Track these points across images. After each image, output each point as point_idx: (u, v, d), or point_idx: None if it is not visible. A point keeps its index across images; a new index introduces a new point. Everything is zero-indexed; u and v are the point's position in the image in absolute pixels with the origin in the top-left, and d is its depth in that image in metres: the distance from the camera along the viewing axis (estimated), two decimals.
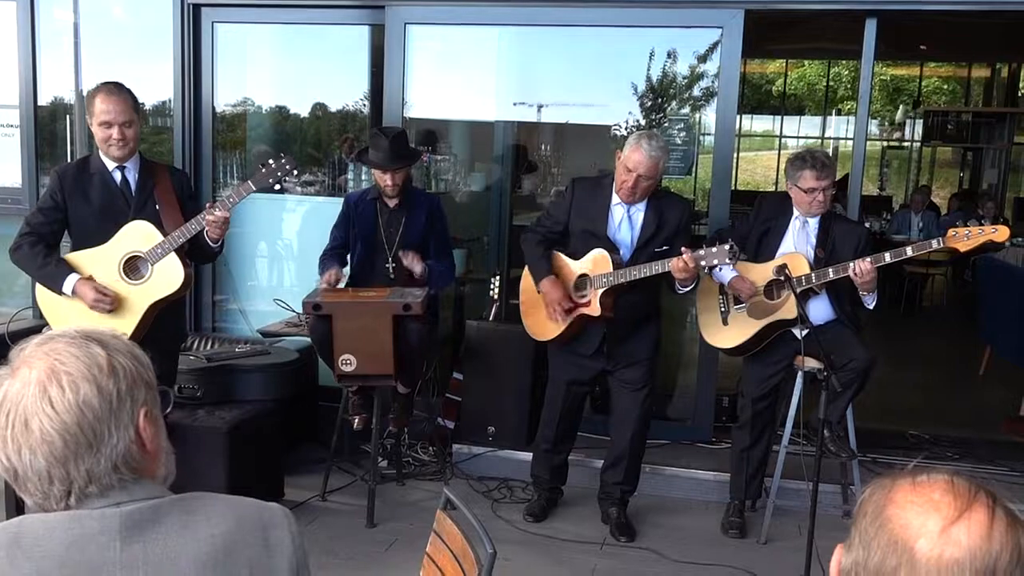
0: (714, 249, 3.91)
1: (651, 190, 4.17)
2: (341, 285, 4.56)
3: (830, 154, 4.43)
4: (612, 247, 4.19)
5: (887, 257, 3.97)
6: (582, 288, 4.24)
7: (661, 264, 4.02)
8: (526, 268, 4.47)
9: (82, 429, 1.29)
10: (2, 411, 1.30)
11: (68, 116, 6.00)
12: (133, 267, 3.81)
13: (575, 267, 4.27)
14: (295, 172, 4.10)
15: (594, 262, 4.20)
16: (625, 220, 4.23)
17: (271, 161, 3.95)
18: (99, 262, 3.81)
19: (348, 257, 4.69)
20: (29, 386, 1.29)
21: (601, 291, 4.14)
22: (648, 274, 4.06)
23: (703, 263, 3.96)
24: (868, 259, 3.95)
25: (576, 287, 4.26)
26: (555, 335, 4.33)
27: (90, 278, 3.80)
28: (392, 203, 4.60)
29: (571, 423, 4.53)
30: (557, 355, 4.46)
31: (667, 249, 4.13)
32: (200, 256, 4.06)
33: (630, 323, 4.27)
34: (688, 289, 4.19)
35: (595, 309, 4.16)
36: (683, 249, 3.96)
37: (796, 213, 4.25)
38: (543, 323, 4.38)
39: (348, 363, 4.28)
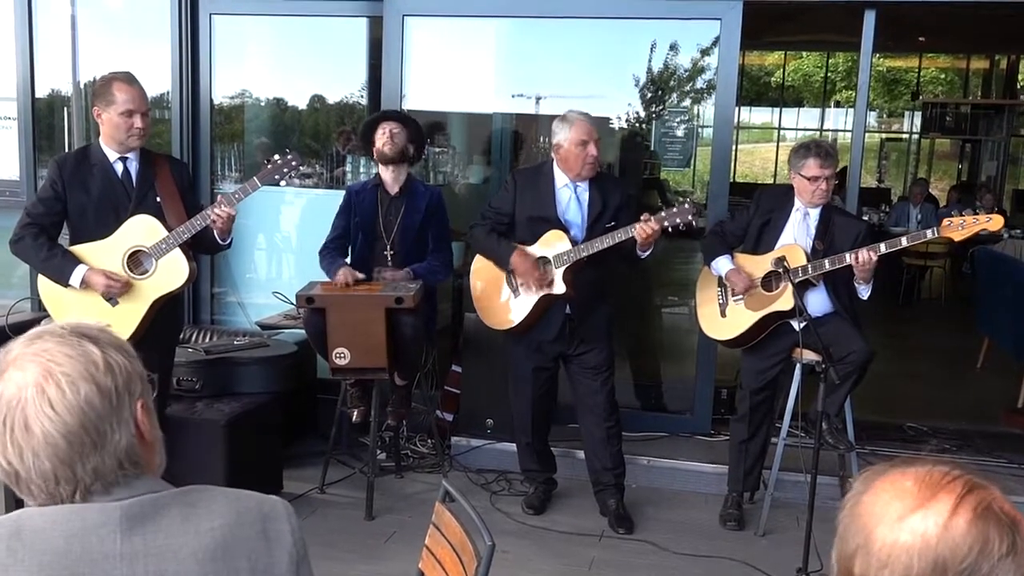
0: (675, 208, 4.09)
1: None
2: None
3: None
4: (564, 228, 4.25)
5: (883, 247, 3.99)
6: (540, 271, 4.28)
7: (625, 231, 4.10)
8: (475, 262, 4.51)
9: (86, 429, 1.28)
10: None
11: (65, 108, 5.99)
12: (136, 261, 3.80)
13: (530, 252, 4.30)
14: (300, 168, 4.10)
15: (550, 243, 4.26)
16: (573, 201, 4.30)
17: (276, 157, 3.95)
18: (102, 255, 3.79)
19: (349, 248, 4.69)
20: (26, 388, 1.28)
21: (563, 269, 4.20)
22: (612, 243, 4.13)
23: (667, 223, 4.05)
24: (866, 248, 3.97)
25: None
26: (517, 322, 4.34)
27: None
28: (393, 191, 4.60)
29: (545, 410, 4.55)
30: (518, 345, 4.46)
31: (614, 224, 4.20)
32: (206, 249, 4.06)
33: (590, 301, 4.33)
34: (647, 253, 4.22)
35: (560, 287, 4.21)
36: (644, 214, 4.07)
37: (797, 205, 4.26)
38: (500, 312, 4.41)
39: (342, 356, 4.28)
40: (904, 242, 4.10)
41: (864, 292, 4.15)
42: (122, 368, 1.33)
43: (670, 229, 4.09)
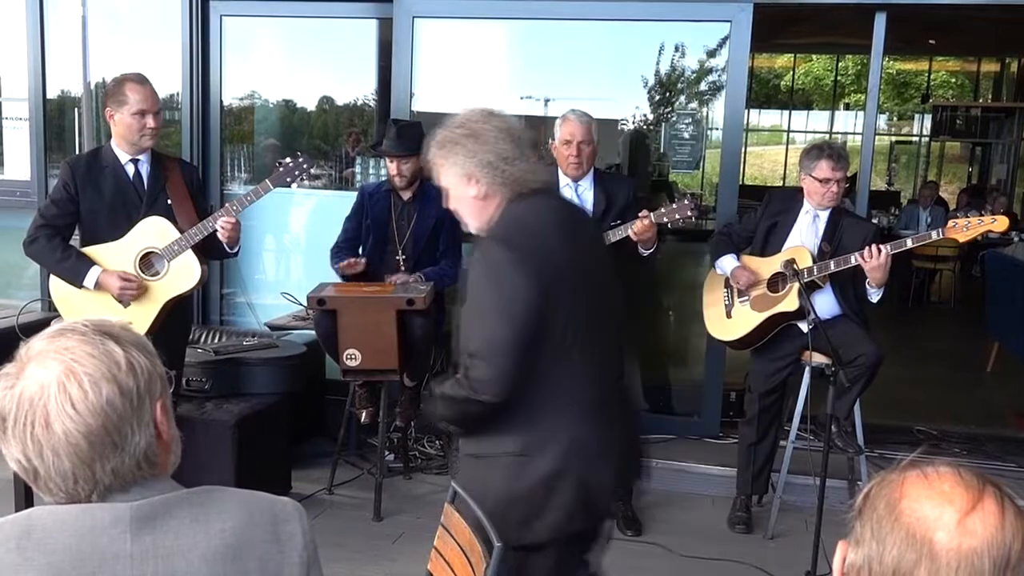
0: (675, 205, 4.10)
1: (594, 157, 4.27)
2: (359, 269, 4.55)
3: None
4: None
5: (887, 248, 3.97)
6: None
7: (624, 228, 4.09)
8: None
9: (107, 430, 1.28)
10: (20, 412, 1.28)
11: (76, 109, 6.01)
12: (148, 263, 3.81)
13: None
14: (311, 170, 4.10)
15: None
16: (574, 199, 4.27)
17: (288, 160, 3.96)
18: (115, 257, 3.81)
19: (360, 250, 4.70)
20: (48, 387, 1.27)
21: None
22: (611, 241, 4.10)
23: (666, 219, 4.06)
24: (871, 247, 3.94)
25: None
26: None
27: None
28: (406, 196, 4.61)
29: None
30: None
31: (620, 223, 4.18)
32: (214, 255, 4.07)
33: None
34: (650, 252, 4.20)
35: None
36: (643, 211, 4.05)
37: (806, 207, 4.25)
38: None
39: (353, 358, 4.29)
40: (909, 243, 4.08)
41: (875, 295, 4.12)
42: (144, 368, 1.33)
43: (668, 225, 4.10)
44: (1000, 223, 3.94)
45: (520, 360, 2.24)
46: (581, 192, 4.29)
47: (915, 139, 17.97)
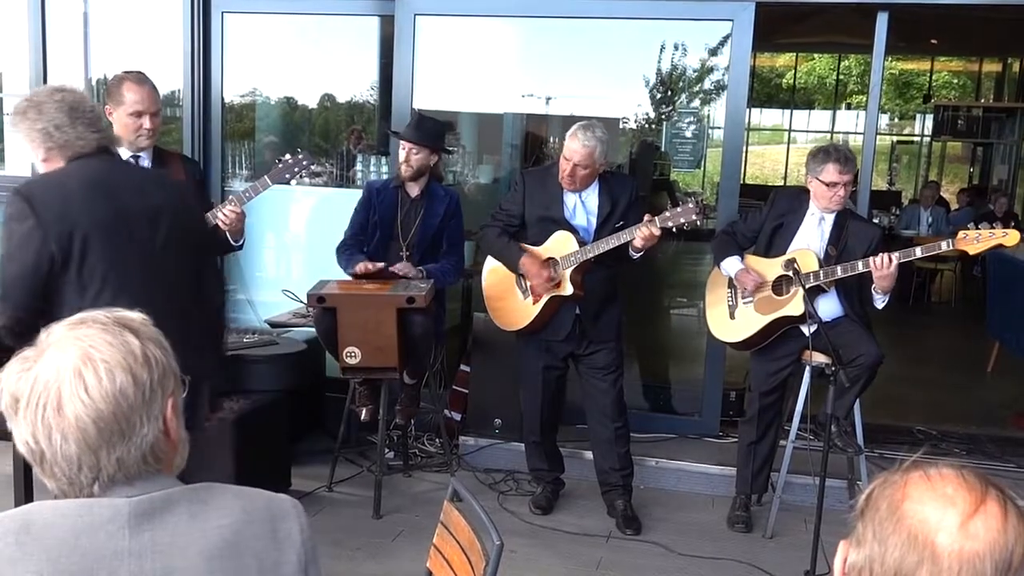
0: (679, 209, 4.03)
1: (591, 179, 4.23)
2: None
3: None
4: (572, 229, 4.24)
5: (897, 256, 3.95)
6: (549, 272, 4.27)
7: (630, 232, 4.06)
8: (487, 263, 4.53)
9: (116, 418, 1.30)
10: (33, 394, 1.30)
11: None
12: None
13: (539, 253, 4.30)
14: (311, 167, 4.09)
15: (558, 244, 4.25)
16: (579, 204, 4.28)
17: (288, 156, 3.95)
18: None
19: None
20: (64, 371, 1.29)
21: (571, 270, 4.19)
22: (616, 244, 4.11)
23: (671, 223, 4.01)
24: (884, 254, 3.92)
25: None
26: (527, 323, 4.34)
27: None
28: (413, 193, 4.61)
29: (555, 409, 4.53)
30: (528, 344, 4.46)
31: (623, 224, 4.16)
32: (219, 249, 4.06)
33: (599, 300, 4.31)
34: (639, 255, 4.17)
35: (567, 288, 4.20)
36: (647, 216, 4.02)
37: (812, 209, 4.23)
38: (512, 312, 4.42)
39: (352, 355, 4.29)
40: (919, 252, 4.06)
41: (879, 302, 4.10)
42: (158, 362, 1.35)
43: (674, 229, 4.07)
44: (1011, 237, 3.85)
45: (27, 301, 2.58)
46: (584, 197, 4.28)
47: (916, 139, 17.96)
